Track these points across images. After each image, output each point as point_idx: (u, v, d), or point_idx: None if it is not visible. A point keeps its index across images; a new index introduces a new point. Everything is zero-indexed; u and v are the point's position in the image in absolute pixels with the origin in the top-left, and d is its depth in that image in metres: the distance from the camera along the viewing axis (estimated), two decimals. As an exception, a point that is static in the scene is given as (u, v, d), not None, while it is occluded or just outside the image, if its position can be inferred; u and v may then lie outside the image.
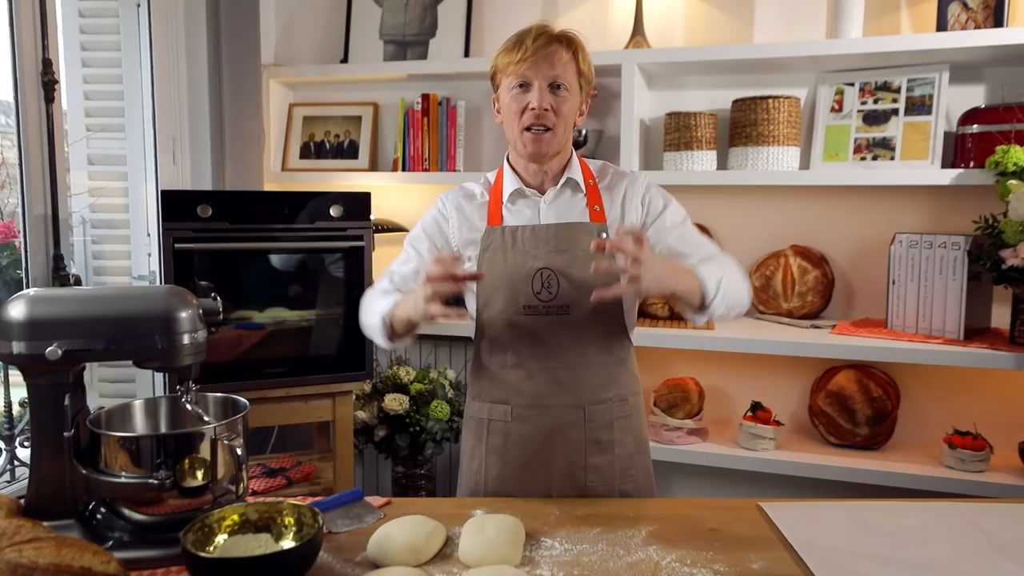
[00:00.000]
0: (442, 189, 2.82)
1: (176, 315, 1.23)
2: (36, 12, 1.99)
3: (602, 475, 1.52)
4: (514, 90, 1.47)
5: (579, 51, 1.48)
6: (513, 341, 1.52)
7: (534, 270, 1.49)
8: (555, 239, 1.49)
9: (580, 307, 1.49)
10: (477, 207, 1.57)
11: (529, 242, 1.50)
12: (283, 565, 1.09)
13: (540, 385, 1.52)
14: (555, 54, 1.44)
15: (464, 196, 1.60)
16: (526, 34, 1.45)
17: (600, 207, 1.53)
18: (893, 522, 1.34)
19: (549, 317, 1.50)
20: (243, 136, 2.61)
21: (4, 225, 2.19)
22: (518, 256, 1.50)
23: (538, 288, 1.49)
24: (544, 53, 1.43)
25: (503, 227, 1.52)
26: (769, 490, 2.49)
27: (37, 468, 1.21)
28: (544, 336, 1.50)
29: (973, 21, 2.26)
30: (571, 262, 1.48)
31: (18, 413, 2.09)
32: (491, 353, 1.56)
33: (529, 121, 1.45)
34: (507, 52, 1.46)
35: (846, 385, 2.36)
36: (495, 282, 1.51)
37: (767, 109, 2.39)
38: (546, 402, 1.52)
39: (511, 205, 1.54)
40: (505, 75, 1.48)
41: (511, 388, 1.54)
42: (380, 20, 2.87)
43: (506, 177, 1.55)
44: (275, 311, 2.29)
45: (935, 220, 2.43)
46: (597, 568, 1.18)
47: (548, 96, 1.44)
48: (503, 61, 1.48)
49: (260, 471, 2.34)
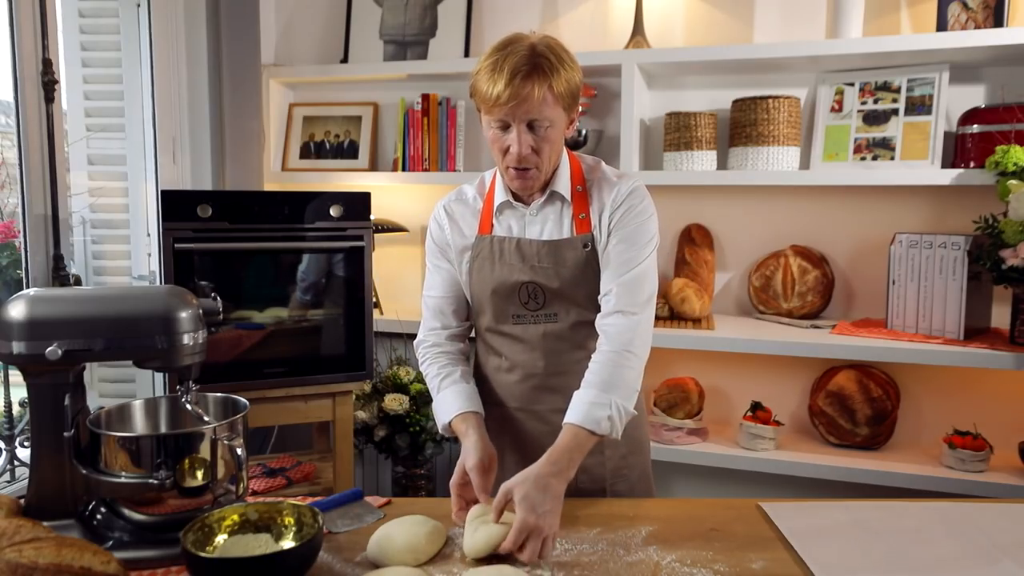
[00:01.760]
0: (442, 189, 2.85)
1: (176, 315, 1.23)
2: (36, 12, 1.99)
3: (592, 475, 1.52)
4: (493, 130, 1.42)
5: (555, 76, 1.37)
6: (503, 347, 1.55)
7: (520, 283, 1.50)
8: (538, 254, 1.49)
9: (567, 314, 1.51)
10: (470, 212, 1.57)
11: (514, 256, 1.50)
12: (283, 565, 1.09)
13: (530, 389, 1.54)
14: (530, 95, 1.35)
15: (458, 200, 1.59)
16: (498, 72, 1.35)
17: (586, 214, 1.49)
18: (893, 522, 1.34)
19: (537, 325, 1.51)
20: (243, 136, 2.61)
21: (4, 225, 2.19)
22: (504, 268, 1.50)
23: (525, 299, 1.50)
24: (518, 96, 1.34)
25: (491, 237, 1.52)
26: (769, 490, 2.49)
27: (37, 468, 1.21)
28: (533, 342, 1.52)
29: (973, 21, 2.26)
30: (556, 275, 1.48)
31: (18, 413, 2.09)
32: (487, 356, 1.59)
33: (511, 163, 1.42)
34: (485, 81, 1.37)
35: (846, 385, 2.36)
36: (485, 291, 1.53)
37: (767, 109, 2.39)
38: (536, 406, 1.54)
39: (499, 215, 1.54)
40: (482, 107, 1.41)
41: (505, 391, 1.56)
42: (380, 20, 2.87)
43: (498, 186, 1.54)
44: (275, 311, 2.29)
45: (935, 220, 2.43)
46: (597, 568, 1.18)
47: (528, 137, 1.39)
48: (481, 92, 1.38)
49: (260, 471, 2.34)
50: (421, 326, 1.61)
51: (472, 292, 1.56)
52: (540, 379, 1.53)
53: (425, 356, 1.57)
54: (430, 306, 1.59)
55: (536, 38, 1.40)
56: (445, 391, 1.50)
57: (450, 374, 1.52)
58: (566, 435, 1.34)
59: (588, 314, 1.50)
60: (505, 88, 1.34)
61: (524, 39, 1.39)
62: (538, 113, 1.37)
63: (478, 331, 1.60)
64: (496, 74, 1.35)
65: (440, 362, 1.54)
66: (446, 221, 1.58)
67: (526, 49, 1.37)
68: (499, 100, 1.35)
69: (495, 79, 1.35)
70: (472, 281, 1.55)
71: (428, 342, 1.58)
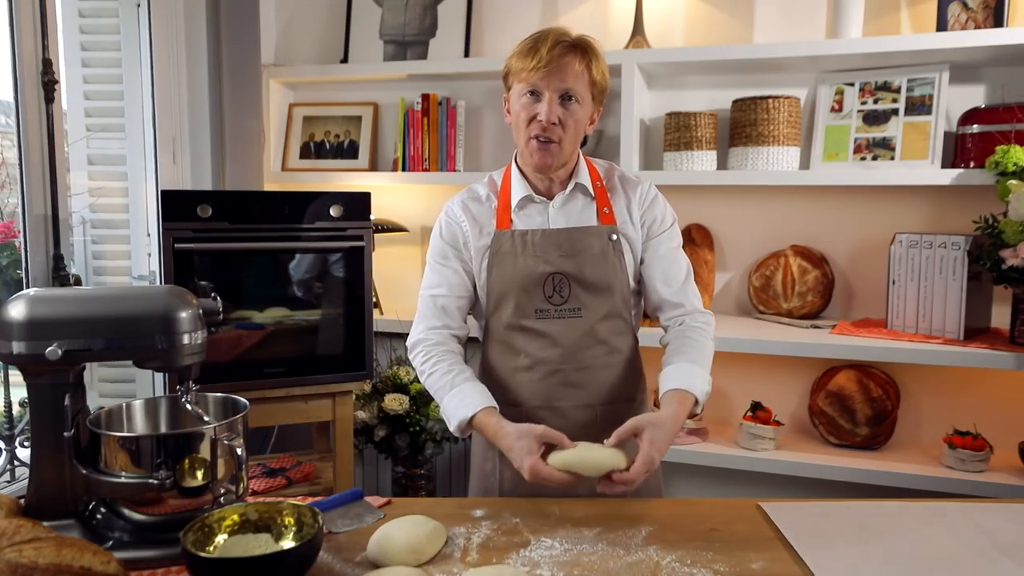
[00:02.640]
0: (442, 189, 2.86)
1: (176, 315, 1.23)
2: (36, 12, 1.99)
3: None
4: (524, 97, 1.45)
5: (594, 60, 1.46)
6: (524, 344, 1.53)
7: (545, 274, 1.50)
8: (567, 242, 1.50)
9: (591, 309, 1.51)
10: (485, 210, 1.56)
11: (540, 246, 1.50)
12: (283, 565, 1.09)
13: (553, 387, 1.53)
14: (569, 65, 1.42)
15: (471, 199, 1.59)
16: (542, 40, 1.42)
17: (609, 209, 1.54)
18: (893, 522, 1.34)
19: (561, 320, 1.51)
20: (243, 136, 2.61)
21: (4, 225, 2.19)
22: (529, 260, 1.50)
23: (550, 292, 1.50)
24: (558, 64, 1.41)
25: (512, 231, 1.52)
26: (769, 490, 2.49)
27: (37, 468, 1.21)
28: (556, 338, 1.51)
29: (973, 21, 2.26)
30: (582, 265, 1.49)
31: (18, 413, 2.09)
32: (501, 355, 1.56)
33: (536, 131, 1.45)
34: (521, 56, 1.44)
35: (846, 385, 2.36)
36: (506, 287, 1.51)
37: (767, 109, 2.39)
38: (559, 403, 1.53)
39: (520, 210, 1.54)
40: (517, 80, 1.46)
41: (524, 390, 1.54)
42: (380, 20, 2.87)
43: (514, 181, 1.55)
44: (275, 311, 2.29)
45: (935, 220, 2.43)
46: (597, 568, 1.18)
47: (557, 108, 1.43)
48: (516, 65, 1.45)
49: (260, 471, 2.34)
50: (418, 324, 1.57)
51: (491, 289, 1.54)
52: (563, 375, 1.52)
53: (429, 354, 1.53)
54: (434, 304, 1.56)
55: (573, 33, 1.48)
56: (461, 387, 1.46)
57: (462, 371, 1.49)
58: (681, 399, 1.41)
59: (611, 308, 1.51)
60: (547, 53, 1.40)
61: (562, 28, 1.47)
62: (572, 84, 1.43)
63: (492, 331, 1.58)
64: (539, 43, 1.42)
65: (448, 360, 1.51)
66: (464, 219, 1.56)
67: (568, 32, 1.45)
68: (539, 64, 1.40)
69: (537, 47, 1.41)
70: (491, 278, 1.53)
71: (430, 340, 1.54)
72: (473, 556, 1.23)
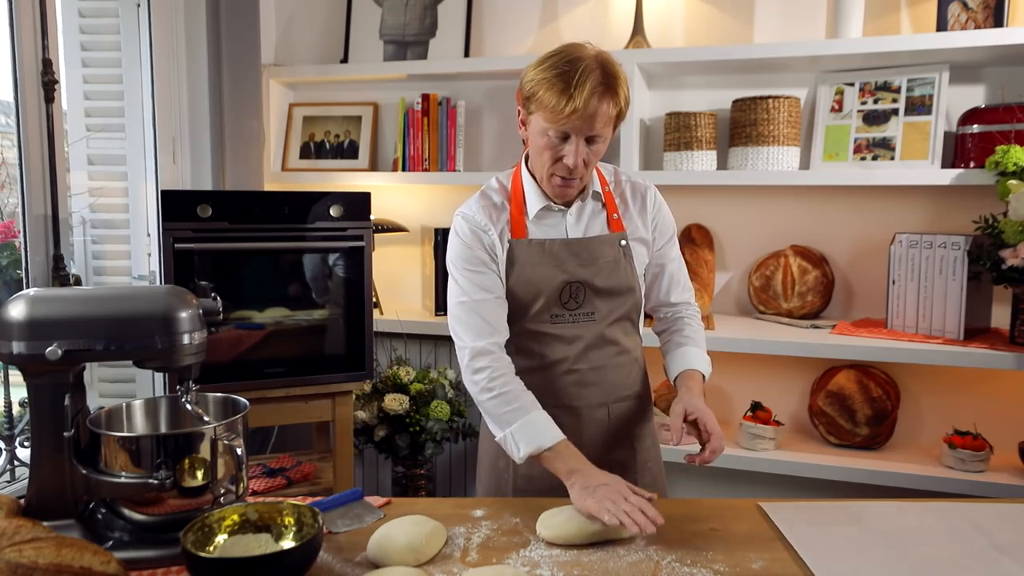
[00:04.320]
0: (442, 189, 2.86)
1: (176, 315, 1.23)
2: (36, 12, 1.99)
3: (625, 469, 1.57)
4: (550, 135, 1.41)
5: (621, 93, 1.41)
6: (539, 346, 1.55)
7: (564, 283, 1.51)
8: (584, 251, 1.52)
9: (603, 312, 1.54)
10: (503, 218, 1.54)
11: (560, 256, 1.52)
12: (283, 565, 1.09)
13: (566, 386, 1.55)
14: (600, 111, 1.37)
15: (491, 205, 1.55)
16: (576, 81, 1.35)
17: (618, 215, 1.57)
18: (893, 522, 1.34)
19: (575, 324, 1.54)
20: (243, 136, 2.61)
21: (4, 225, 2.19)
22: (548, 270, 1.51)
23: (566, 299, 1.53)
24: (593, 114, 1.37)
25: (530, 240, 1.52)
26: (769, 490, 2.49)
27: (37, 468, 1.21)
28: (570, 340, 1.54)
29: (973, 21, 2.26)
30: (597, 273, 1.53)
31: (18, 413, 2.09)
32: (513, 357, 1.54)
33: (562, 172, 1.44)
34: (551, 91, 1.36)
35: (846, 385, 2.36)
36: (524, 295, 1.52)
37: (767, 109, 2.39)
38: (573, 402, 1.55)
39: (537, 220, 1.53)
40: (544, 117, 1.40)
41: (536, 390, 1.51)
42: (380, 20, 2.87)
43: (528, 189, 1.53)
44: (275, 311, 2.29)
45: (935, 220, 2.43)
46: (597, 568, 1.18)
47: (583, 150, 1.41)
48: (545, 99, 1.37)
49: (260, 471, 2.34)
50: (469, 333, 1.48)
51: (509, 296, 1.53)
52: (578, 375, 1.55)
53: (497, 371, 1.45)
54: (483, 311, 1.48)
55: (595, 51, 1.42)
56: (537, 412, 1.42)
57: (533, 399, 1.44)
58: (698, 379, 1.57)
59: (622, 311, 1.55)
60: (584, 104, 1.35)
61: (587, 52, 1.40)
62: (600, 129, 1.41)
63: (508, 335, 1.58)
64: (575, 88, 1.35)
65: (517, 380, 1.46)
66: (490, 225, 1.52)
67: (598, 66, 1.38)
68: (574, 114, 1.36)
69: (571, 93, 1.35)
70: (509, 285, 1.52)
71: (493, 353, 1.47)
72: (473, 556, 1.23)
